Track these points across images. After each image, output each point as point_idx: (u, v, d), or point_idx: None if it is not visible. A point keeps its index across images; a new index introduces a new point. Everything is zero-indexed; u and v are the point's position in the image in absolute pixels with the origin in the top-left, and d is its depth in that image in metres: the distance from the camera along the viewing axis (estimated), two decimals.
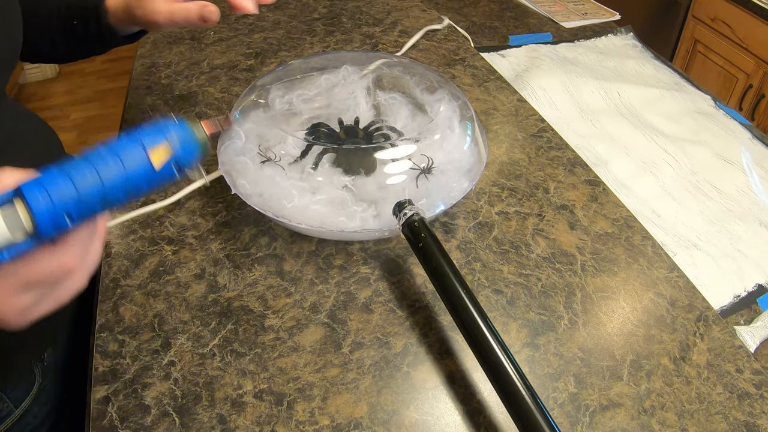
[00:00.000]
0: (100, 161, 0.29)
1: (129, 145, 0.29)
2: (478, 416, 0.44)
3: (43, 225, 0.27)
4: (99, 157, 0.29)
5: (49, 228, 0.27)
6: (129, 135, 0.30)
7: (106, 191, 0.29)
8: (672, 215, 0.71)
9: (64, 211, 0.28)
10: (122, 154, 0.29)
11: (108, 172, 0.29)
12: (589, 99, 0.91)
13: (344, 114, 0.59)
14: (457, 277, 0.43)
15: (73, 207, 0.28)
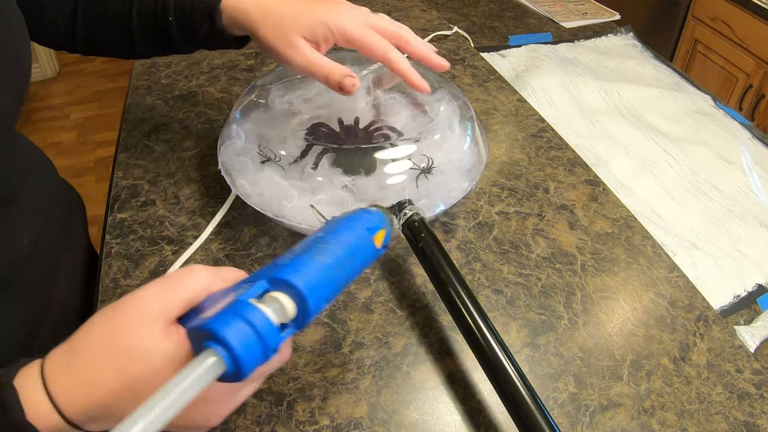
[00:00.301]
0: (338, 247, 0.31)
1: (360, 233, 0.33)
2: (478, 416, 0.44)
3: (312, 309, 0.27)
4: (336, 243, 0.31)
5: (313, 313, 0.28)
6: (352, 220, 0.34)
7: (347, 276, 0.31)
8: (672, 215, 0.71)
9: (324, 297, 0.28)
10: (357, 241, 0.32)
11: (348, 257, 0.31)
12: (589, 99, 0.91)
13: (344, 114, 0.59)
14: (457, 277, 0.43)
15: (329, 292, 0.29)
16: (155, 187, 0.62)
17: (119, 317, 0.30)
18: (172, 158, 0.66)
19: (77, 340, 0.30)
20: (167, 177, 0.63)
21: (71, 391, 0.29)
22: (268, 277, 0.28)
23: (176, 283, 0.31)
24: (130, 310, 0.30)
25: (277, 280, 0.28)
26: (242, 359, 0.25)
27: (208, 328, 0.25)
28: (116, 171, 0.64)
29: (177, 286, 0.31)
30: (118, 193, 0.61)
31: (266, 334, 0.26)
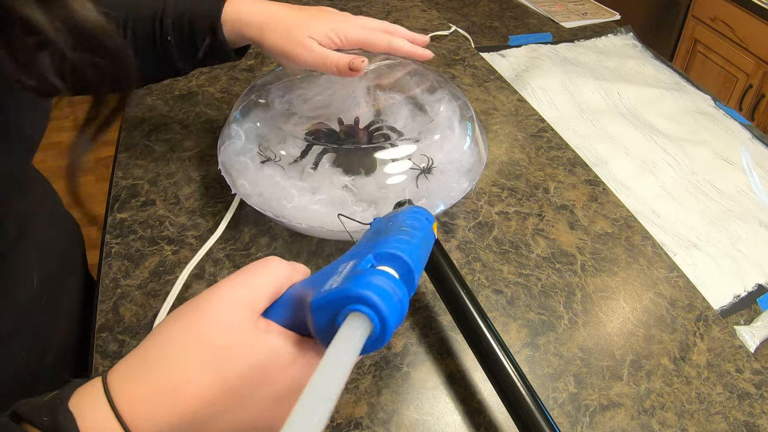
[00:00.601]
0: (417, 231, 0.30)
1: (425, 222, 0.33)
2: (478, 416, 0.44)
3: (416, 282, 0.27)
4: (413, 228, 0.30)
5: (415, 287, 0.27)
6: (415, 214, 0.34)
7: (426, 258, 0.31)
8: (672, 215, 0.71)
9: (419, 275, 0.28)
10: (425, 228, 0.32)
11: (425, 241, 0.31)
12: (589, 99, 0.91)
13: (344, 114, 0.59)
14: (457, 277, 0.43)
15: (420, 271, 0.28)
16: (155, 187, 0.62)
17: (203, 316, 0.27)
18: (172, 158, 0.66)
19: (151, 348, 0.27)
20: (167, 177, 0.63)
21: (148, 405, 0.26)
22: (374, 253, 0.27)
23: (258, 276, 0.29)
24: (213, 307, 0.28)
25: (383, 254, 0.27)
26: (389, 319, 0.24)
27: (353, 292, 0.24)
28: (116, 171, 0.64)
29: (259, 279, 0.29)
30: (118, 193, 0.61)
31: (402, 295, 0.25)
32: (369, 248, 0.28)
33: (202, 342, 0.27)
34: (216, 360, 0.26)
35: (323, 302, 0.25)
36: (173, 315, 0.28)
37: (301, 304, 0.28)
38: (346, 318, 0.24)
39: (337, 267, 0.28)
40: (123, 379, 0.26)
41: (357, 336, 0.23)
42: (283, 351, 0.27)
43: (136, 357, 0.27)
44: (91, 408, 0.25)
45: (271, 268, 0.30)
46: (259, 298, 0.28)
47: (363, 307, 0.24)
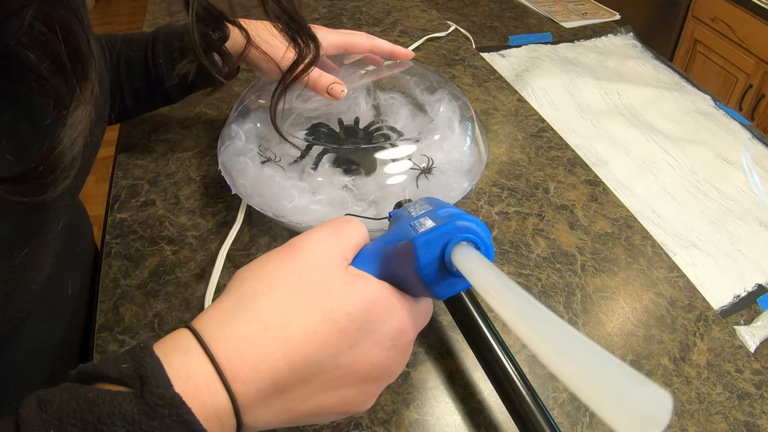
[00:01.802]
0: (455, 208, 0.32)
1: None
2: (478, 416, 0.44)
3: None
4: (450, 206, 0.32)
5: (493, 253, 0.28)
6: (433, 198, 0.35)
7: None
8: (672, 215, 0.71)
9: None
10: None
11: None
12: (589, 99, 0.91)
13: (344, 114, 0.59)
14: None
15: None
16: (155, 187, 0.62)
17: (299, 255, 0.27)
18: (172, 158, 0.66)
19: (243, 289, 0.26)
20: (167, 177, 0.63)
21: (247, 346, 0.23)
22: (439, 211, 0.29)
23: (347, 228, 0.30)
24: (309, 249, 0.27)
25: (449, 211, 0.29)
26: (490, 243, 0.27)
27: (458, 225, 0.26)
28: (116, 171, 0.64)
29: (348, 231, 0.30)
30: (118, 193, 0.61)
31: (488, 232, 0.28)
32: (431, 211, 0.30)
33: (303, 279, 0.26)
34: (321, 297, 0.26)
35: (430, 238, 0.26)
36: (263, 258, 0.28)
37: (389, 258, 0.29)
38: (456, 248, 0.26)
39: (403, 226, 0.29)
40: (215, 323, 0.24)
41: (480, 255, 0.25)
42: (384, 295, 0.27)
43: (228, 298, 0.26)
44: (179, 356, 0.23)
45: (355, 223, 0.31)
46: (349, 246, 0.29)
47: (470, 236, 0.26)
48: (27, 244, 0.31)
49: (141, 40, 0.58)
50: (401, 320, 0.28)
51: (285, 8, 0.43)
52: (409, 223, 0.29)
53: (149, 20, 0.97)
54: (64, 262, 0.43)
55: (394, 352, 0.28)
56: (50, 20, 0.27)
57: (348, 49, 0.60)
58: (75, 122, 0.28)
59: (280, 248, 0.28)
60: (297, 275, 0.26)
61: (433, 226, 0.27)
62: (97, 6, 3.29)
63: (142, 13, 1.04)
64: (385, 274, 0.29)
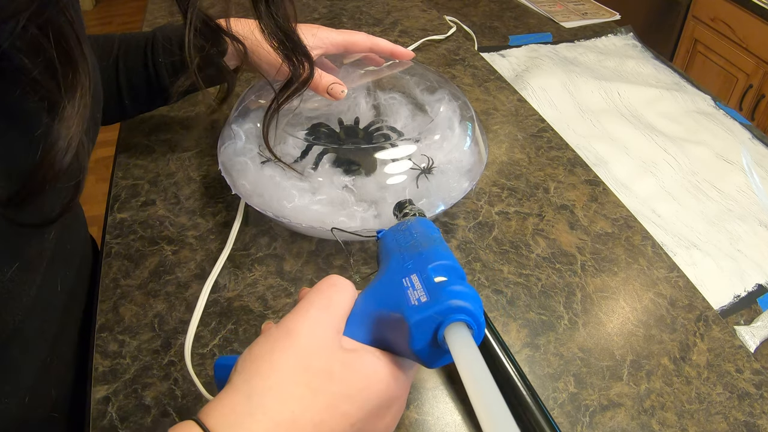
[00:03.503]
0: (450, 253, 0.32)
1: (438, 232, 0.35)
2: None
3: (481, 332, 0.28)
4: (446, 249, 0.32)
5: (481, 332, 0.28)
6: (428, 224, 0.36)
7: None
8: (672, 215, 0.71)
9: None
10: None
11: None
12: (589, 99, 0.91)
13: (344, 114, 0.59)
14: None
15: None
16: (155, 187, 0.62)
17: (299, 343, 0.28)
18: (172, 158, 0.66)
19: (252, 383, 0.27)
20: (167, 177, 0.63)
21: None
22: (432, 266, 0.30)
23: (333, 299, 0.30)
24: (305, 333, 0.28)
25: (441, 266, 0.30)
26: (482, 320, 0.27)
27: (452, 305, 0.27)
28: (116, 171, 0.64)
29: (336, 298, 0.30)
30: (118, 193, 0.61)
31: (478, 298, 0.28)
32: (419, 261, 0.30)
33: (305, 369, 0.27)
34: (323, 385, 0.27)
35: (423, 318, 0.27)
36: (264, 349, 0.28)
37: (381, 324, 0.30)
38: (449, 328, 0.26)
39: (394, 282, 0.30)
40: (227, 418, 0.25)
41: (470, 338, 0.26)
42: (382, 369, 0.29)
43: (237, 394, 0.26)
44: None
45: (342, 286, 0.31)
46: (341, 318, 0.30)
47: (463, 316, 0.27)
48: (17, 259, 0.31)
49: (140, 40, 0.58)
50: (395, 389, 0.29)
51: (281, 26, 0.44)
52: (400, 277, 0.30)
53: (149, 20, 0.97)
54: (56, 261, 0.43)
55: (390, 417, 0.30)
56: (43, 24, 0.27)
57: (348, 48, 0.60)
58: (69, 124, 0.28)
59: (278, 333, 0.29)
60: (299, 365, 0.27)
61: (426, 302, 0.27)
62: (97, 6, 3.29)
63: (142, 13, 1.04)
64: (376, 338, 0.30)
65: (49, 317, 0.44)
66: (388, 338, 0.30)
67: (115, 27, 3.07)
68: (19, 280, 0.31)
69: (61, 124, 0.28)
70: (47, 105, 0.28)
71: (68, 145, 0.28)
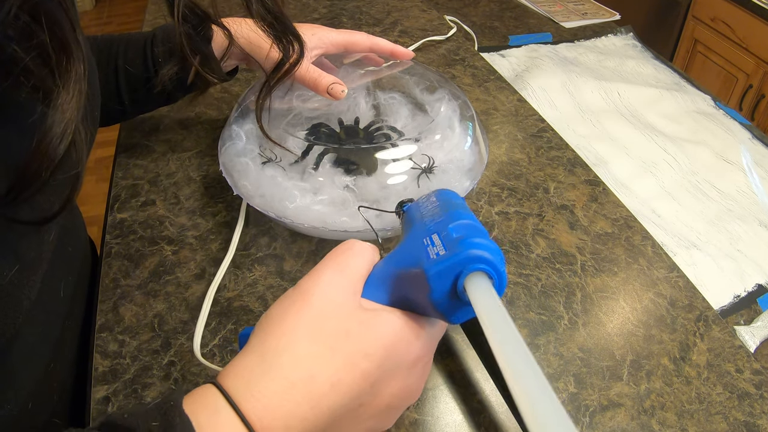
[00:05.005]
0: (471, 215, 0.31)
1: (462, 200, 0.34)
2: (479, 416, 0.44)
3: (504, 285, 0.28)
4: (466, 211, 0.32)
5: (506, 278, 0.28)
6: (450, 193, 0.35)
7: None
8: (672, 215, 0.71)
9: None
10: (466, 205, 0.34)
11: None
12: (589, 99, 0.91)
13: (344, 114, 0.59)
14: None
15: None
16: (155, 187, 0.62)
17: (312, 305, 0.28)
18: (172, 158, 0.66)
19: (266, 345, 0.27)
20: (167, 177, 0.63)
21: (277, 401, 0.25)
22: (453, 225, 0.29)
23: (352, 259, 0.30)
24: (319, 295, 0.28)
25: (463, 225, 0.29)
26: (503, 271, 0.26)
27: (471, 254, 0.26)
28: (116, 171, 0.64)
29: (354, 261, 0.30)
30: (118, 193, 0.61)
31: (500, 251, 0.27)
32: (442, 222, 0.30)
33: (321, 328, 0.27)
34: (340, 343, 0.26)
35: (443, 268, 0.26)
36: (278, 311, 0.28)
37: (401, 282, 0.29)
38: (468, 279, 0.25)
39: (415, 244, 0.29)
40: (242, 379, 0.26)
41: (492, 288, 0.25)
42: (399, 327, 0.28)
43: (252, 355, 0.27)
44: (207, 412, 0.24)
45: (359, 249, 0.31)
46: (357, 280, 0.29)
47: (483, 266, 0.26)
48: (16, 263, 0.31)
49: (140, 40, 0.58)
50: (417, 349, 0.29)
51: (269, 8, 0.44)
52: (421, 238, 0.29)
53: (149, 20, 0.97)
54: (56, 266, 0.42)
55: (413, 378, 0.29)
56: (35, 10, 0.27)
57: (348, 48, 0.60)
58: (63, 110, 0.27)
59: (293, 295, 0.29)
60: (314, 325, 0.27)
61: (445, 254, 0.27)
62: (97, 6, 3.29)
63: (142, 13, 1.04)
64: (397, 298, 0.30)
65: (51, 322, 0.44)
66: (409, 296, 0.29)
67: (115, 27, 3.07)
68: (19, 282, 0.31)
69: (55, 110, 0.27)
70: (41, 94, 0.28)
71: (63, 132, 0.27)
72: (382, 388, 0.28)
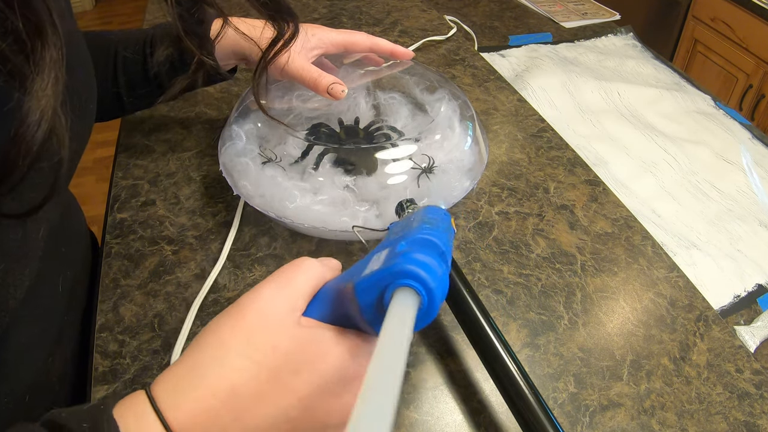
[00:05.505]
0: (437, 231, 0.30)
1: (444, 217, 0.33)
2: (479, 416, 0.44)
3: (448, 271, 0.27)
4: (435, 221, 0.31)
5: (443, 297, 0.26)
6: (433, 210, 0.34)
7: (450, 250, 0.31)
8: (672, 215, 0.71)
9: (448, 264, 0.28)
10: (446, 221, 0.33)
11: (448, 240, 0.30)
12: (589, 99, 0.91)
13: (344, 114, 0.59)
14: (460, 276, 0.43)
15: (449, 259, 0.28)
16: (155, 187, 0.62)
17: (249, 319, 0.28)
18: (172, 158, 0.66)
19: (198, 355, 0.27)
20: (167, 177, 0.63)
21: (200, 411, 0.25)
22: (406, 240, 0.28)
23: (296, 276, 0.30)
24: (257, 310, 0.28)
25: (416, 240, 0.28)
26: (435, 290, 0.25)
27: (398, 267, 0.24)
28: (116, 171, 0.64)
29: (297, 279, 0.30)
30: (118, 193, 0.61)
31: (443, 270, 0.26)
32: (399, 239, 0.29)
33: (251, 343, 0.27)
34: (267, 358, 0.27)
35: (369, 282, 0.25)
36: (217, 322, 0.29)
37: (340, 298, 0.29)
38: (394, 294, 0.24)
39: (369, 259, 0.28)
40: (170, 387, 0.26)
41: (409, 308, 0.23)
42: (336, 345, 0.28)
43: (182, 366, 0.27)
44: (135, 419, 0.25)
45: (305, 267, 0.31)
46: (298, 297, 0.29)
47: (410, 281, 0.24)
48: (2, 261, 0.30)
49: (139, 35, 0.57)
50: (353, 366, 0.28)
51: None
52: (375, 253, 0.29)
53: (149, 20, 0.97)
54: (52, 261, 0.42)
55: (349, 396, 0.29)
56: None
57: (348, 48, 0.60)
58: (39, 97, 0.27)
59: (232, 309, 0.29)
60: (245, 339, 0.27)
61: (378, 267, 0.26)
62: (97, 6, 3.29)
63: (142, 13, 1.04)
64: (339, 316, 0.29)
65: (49, 317, 0.44)
66: (348, 313, 0.28)
67: (115, 27, 3.07)
68: (5, 282, 0.31)
69: (31, 97, 0.27)
70: (17, 81, 0.27)
71: (40, 119, 0.27)
72: (314, 405, 0.28)
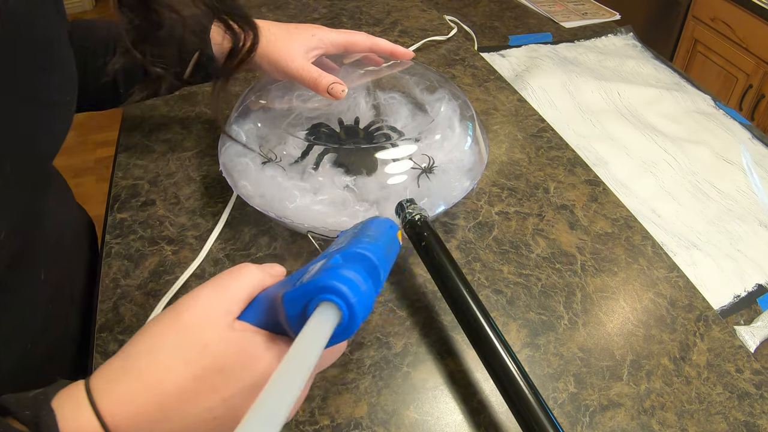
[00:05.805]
0: (381, 236, 0.31)
1: (389, 230, 0.34)
2: (479, 416, 0.44)
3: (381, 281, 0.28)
4: (378, 233, 0.32)
5: (380, 286, 0.27)
6: (378, 222, 0.34)
7: (390, 263, 0.32)
8: (672, 215, 0.71)
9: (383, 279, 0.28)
10: (390, 234, 0.34)
11: (386, 255, 0.31)
12: (589, 99, 0.91)
13: (344, 114, 0.59)
14: (460, 276, 0.43)
15: (385, 275, 0.29)
16: (155, 187, 0.62)
17: (184, 318, 0.29)
18: (172, 158, 0.66)
19: (132, 350, 0.29)
20: (167, 177, 0.63)
21: (129, 403, 0.27)
22: (341, 253, 0.29)
23: (230, 283, 0.31)
24: (192, 310, 0.29)
25: (350, 253, 0.28)
26: (356, 307, 0.26)
27: (321, 282, 0.26)
28: (116, 171, 0.64)
29: (231, 285, 0.30)
30: (118, 193, 0.61)
31: (368, 287, 0.27)
32: (336, 251, 0.30)
33: (181, 342, 0.28)
34: (196, 356, 0.28)
35: (295, 294, 0.26)
36: (154, 319, 0.30)
37: (274, 306, 0.30)
38: (316, 307, 0.26)
39: (306, 270, 0.29)
40: (104, 380, 0.28)
41: (326, 322, 0.25)
42: (264, 349, 0.29)
43: (118, 359, 0.29)
44: (72, 408, 0.27)
45: (244, 272, 0.31)
46: (234, 300, 0.30)
47: (332, 296, 0.25)
48: None
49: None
50: (265, 369, 0.29)
51: None
52: (311, 264, 0.29)
53: None
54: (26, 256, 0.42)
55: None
56: None
57: (348, 48, 0.60)
58: None
59: (170, 308, 0.30)
60: (177, 337, 0.28)
61: (307, 279, 0.27)
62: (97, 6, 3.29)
63: None
64: (271, 322, 0.30)
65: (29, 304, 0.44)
66: (279, 320, 0.29)
67: None
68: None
69: None
70: None
71: None
72: (236, 404, 0.28)
